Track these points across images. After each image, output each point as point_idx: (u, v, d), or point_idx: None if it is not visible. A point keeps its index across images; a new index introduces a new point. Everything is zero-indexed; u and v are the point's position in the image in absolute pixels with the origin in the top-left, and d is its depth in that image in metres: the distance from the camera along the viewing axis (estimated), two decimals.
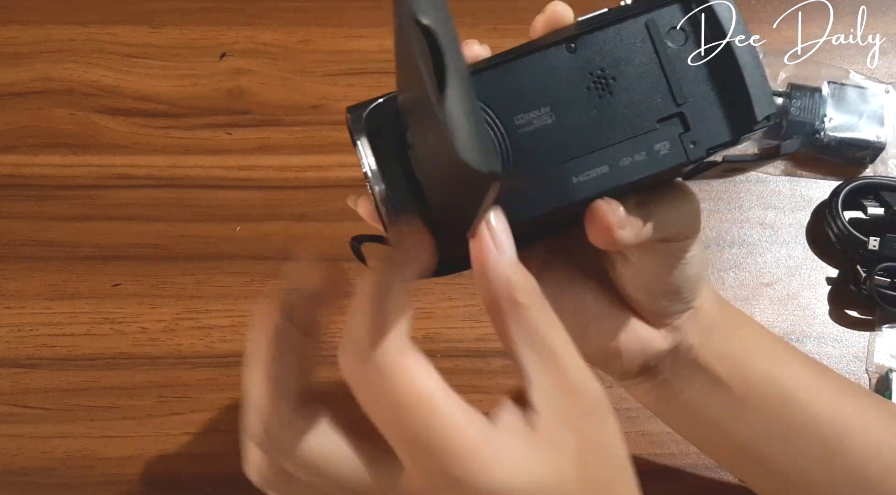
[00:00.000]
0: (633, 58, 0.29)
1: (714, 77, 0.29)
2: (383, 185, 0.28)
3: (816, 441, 0.37)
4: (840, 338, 0.56)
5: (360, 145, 0.29)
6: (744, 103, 0.29)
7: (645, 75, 0.29)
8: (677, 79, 0.29)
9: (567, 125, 0.29)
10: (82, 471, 0.52)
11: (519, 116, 0.29)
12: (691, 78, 0.29)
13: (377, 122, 0.29)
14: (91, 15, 0.64)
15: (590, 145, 0.29)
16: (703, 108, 0.29)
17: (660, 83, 0.29)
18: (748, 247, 0.58)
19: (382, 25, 0.64)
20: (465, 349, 0.55)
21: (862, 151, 0.58)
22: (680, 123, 0.29)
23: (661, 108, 0.29)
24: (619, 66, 0.29)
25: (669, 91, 0.29)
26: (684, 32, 0.29)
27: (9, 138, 0.60)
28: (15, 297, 0.56)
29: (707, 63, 0.29)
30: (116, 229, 0.58)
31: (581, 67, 0.29)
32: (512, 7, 0.64)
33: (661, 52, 0.29)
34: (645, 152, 0.29)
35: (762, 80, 0.29)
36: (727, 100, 0.29)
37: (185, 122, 0.61)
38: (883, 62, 0.63)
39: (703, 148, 0.29)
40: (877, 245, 0.54)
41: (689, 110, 0.29)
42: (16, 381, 0.54)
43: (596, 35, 0.29)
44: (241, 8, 0.64)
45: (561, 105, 0.29)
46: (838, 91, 0.59)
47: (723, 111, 0.29)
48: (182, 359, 0.55)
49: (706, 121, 0.29)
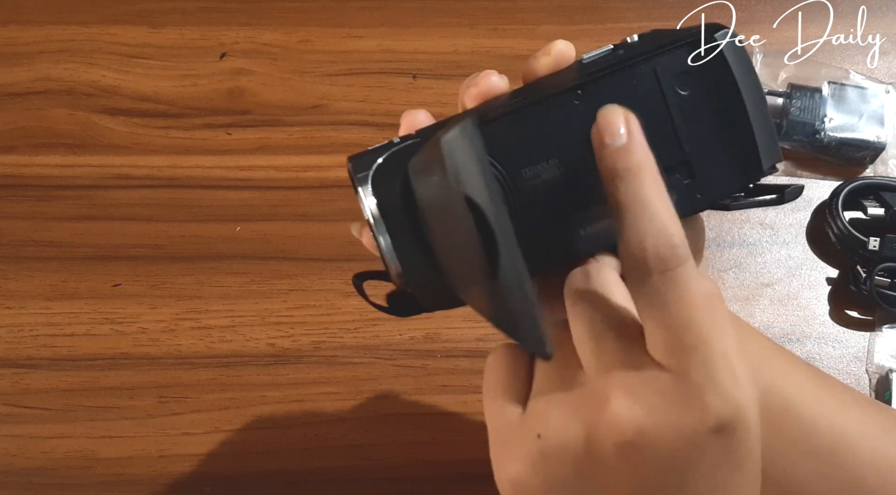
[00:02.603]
0: (641, 104, 0.28)
1: (720, 123, 0.28)
2: (393, 253, 0.29)
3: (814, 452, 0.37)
4: (840, 338, 0.56)
5: (363, 200, 0.29)
6: (750, 152, 0.28)
7: (652, 122, 0.28)
8: (685, 126, 0.28)
9: (574, 177, 0.28)
10: (82, 471, 0.52)
11: (527, 169, 0.29)
12: (698, 125, 0.28)
13: (383, 176, 0.29)
14: (91, 15, 0.64)
15: (598, 197, 0.28)
16: (709, 156, 0.28)
17: (667, 130, 0.28)
18: (748, 248, 0.58)
19: (382, 25, 0.64)
20: (465, 349, 0.55)
21: (862, 151, 0.58)
22: (686, 172, 0.29)
23: (668, 156, 0.28)
24: (633, 111, 0.28)
25: (676, 139, 0.28)
26: (692, 77, 0.28)
27: (9, 138, 0.60)
28: (15, 297, 0.56)
29: (714, 110, 0.28)
30: (116, 229, 0.58)
31: (588, 116, 0.28)
32: (512, 7, 0.64)
33: (668, 98, 0.28)
34: None
35: (769, 128, 0.28)
36: (733, 147, 0.28)
37: (185, 122, 0.61)
38: (883, 62, 0.63)
39: (707, 198, 0.29)
40: (877, 245, 0.54)
41: (696, 159, 0.28)
42: (16, 381, 0.54)
43: (603, 81, 0.28)
44: (241, 8, 0.64)
45: (568, 156, 0.28)
46: (838, 91, 0.59)
47: (728, 159, 0.29)
48: (182, 359, 0.55)
49: (712, 169, 0.29)
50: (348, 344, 0.55)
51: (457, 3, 0.65)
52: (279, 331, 0.56)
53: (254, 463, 0.53)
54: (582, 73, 0.29)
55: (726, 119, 0.28)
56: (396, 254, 0.29)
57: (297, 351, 0.55)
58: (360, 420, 0.54)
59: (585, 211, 0.29)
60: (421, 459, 0.53)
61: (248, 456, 0.53)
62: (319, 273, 0.57)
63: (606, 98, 0.27)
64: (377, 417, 0.54)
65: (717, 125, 0.28)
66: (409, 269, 0.29)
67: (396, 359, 0.55)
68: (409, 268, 0.29)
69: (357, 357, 0.55)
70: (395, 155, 0.29)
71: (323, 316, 0.56)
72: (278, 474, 0.53)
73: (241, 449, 0.53)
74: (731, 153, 0.28)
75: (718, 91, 0.28)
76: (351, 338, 0.55)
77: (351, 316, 0.56)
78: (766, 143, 0.28)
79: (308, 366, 0.55)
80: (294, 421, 0.54)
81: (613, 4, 0.64)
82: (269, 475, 0.53)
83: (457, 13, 0.64)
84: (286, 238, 0.58)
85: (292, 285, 0.57)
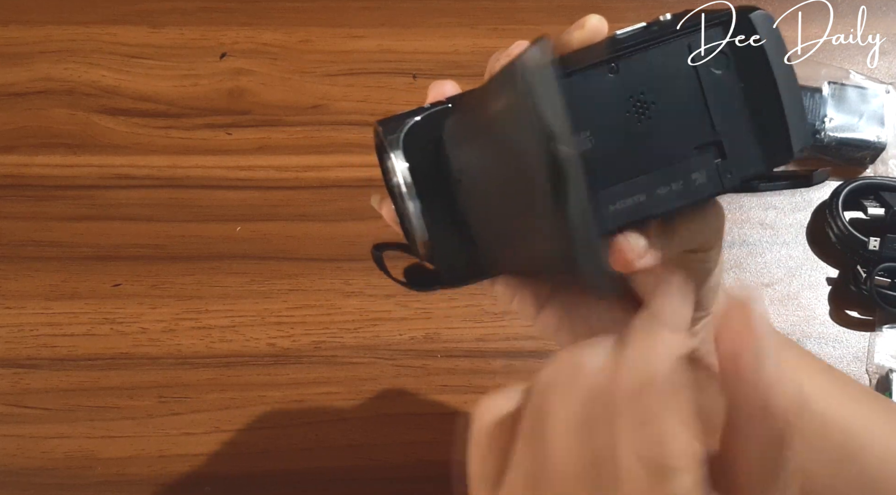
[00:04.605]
0: (674, 82, 0.28)
1: (752, 104, 0.28)
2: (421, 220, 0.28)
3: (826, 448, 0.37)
4: (840, 338, 0.56)
5: (394, 164, 0.28)
6: (781, 133, 0.28)
7: (685, 100, 0.28)
8: (716, 105, 0.28)
9: (607, 150, 0.28)
10: (82, 471, 0.52)
11: None
12: (730, 104, 0.28)
13: (413, 141, 0.28)
14: (91, 15, 0.64)
15: (628, 172, 0.28)
16: (739, 135, 0.28)
17: (699, 109, 0.28)
18: (748, 248, 0.58)
19: (382, 25, 0.64)
20: (465, 349, 0.55)
21: (862, 152, 0.58)
22: (717, 152, 0.28)
23: (699, 134, 0.28)
24: (661, 90, 0.28)
25: (708, 117, 0.28)
26: (726, 56, 0.28)
27: (9, 138, 0.60)
28: (15, 297, 0.56)
29: (746, 89, 0.28)
30: (116, 229, 0.58)
31: (623, 90, 0.28)
32: (512, 7, 0.64)
33: (702, 76, 0.28)
34: (682, 181, 0.28)
35: (800, 111, 0.28)
36: (764, 128, 0.28)
37: (185, 122, 0.61)
38: (883, 62, 0.63)
39: (737, 178, 0.28)
40: (877, 245, 0.54)
41: (727, 138, 0.28)
42: (16, 381, 0.54)
43: (639, 56, 0.28)
44: (241, 8, 0.64)
45: (601, 129, 0.28)
46: (838, 91, 0.59)
47: (759, 140, 0.28)
48: (182, 359, 0.55)
49: (742, 149, 0.28)
50: (348, 344, 0.55)
51: (457, 3, 0.65)
52: (279, 331, 0.56)
53: (254, 463, 0.53)
54: (616, 48, 0.28)
55: (758, 100, 0.28)
56: (425, 222, 0.28)
57: (297, 351, 0.55)
58: (360, 420, 0.54)
59: (615, 185, 0.28)
60: (421, 459, 0.53)
61: (248, 456, 0.53)
62: (319, 273, 0.57)
63: (642, 72, 0.28)
64: (377, 417, 0.54)
65: (749, 106, 0.28)
66: (436, 237, 0.28)
67: (396, 359, 0.55)
68: (437, 237, 0.28)
69: (357, 357, 0.55)
70: (426, 120, 0.28)
71: (323, 316, 0.56)
72: (278, 474, 0.53)
73: (241, 449, 0.53)
74: (763, 134, 0.28)
75: (752, 72, 0.28)
76: (351, 338, 0.55)
77: (351, 316, 0.56)
78: (797, 126, 0.28)
79: (308, 366, 0.55)
80: (294, 421, 0.54)
81: (613, 4, 0.64)
82: (269, 475, 0.53)
83: (457, 13, 0.64)
84: (286, 238, 0.58)
85: (292, 285, 0.57)
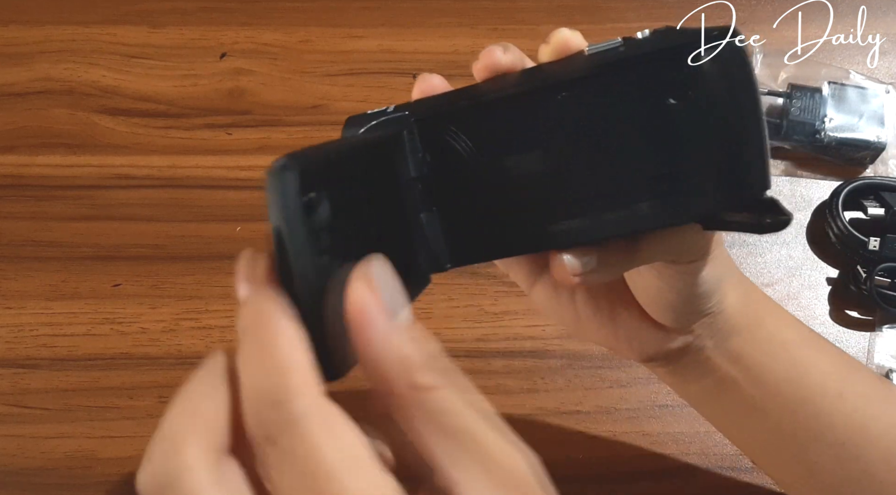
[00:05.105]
0: (634, 108, 0.26)
1: (711, 139, 0.26)
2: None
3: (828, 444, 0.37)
4: (840, 338, 0.56)
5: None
6: (737, 172, 0.26)
7: (643, 128, 0.26)
8: (675, 136, 0.26)
9: (556, 171, 0.28)
10: (82, 471, 0.52)
11: (510, 156, 0.28)
12: (690, 137, 0.26)
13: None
14: (91, 15, 0.64)
15: (575, 194, 0.28)
16: (696, 169, 0.26)
17: (657, 139, 0.26)
18: (748, 248, 0.58)
19: (382, 25, 0.64)
20: (465, 349, 0.54)
21: (862, 152, 0.58)
22: (669, 184, 0.27)
23: (654, 165, 0.27)
24: (615, 117, 0.27)
25: (665, 148, 0.26)
26: (689, 84, 0.26)
27: (9, 138, 0.60)
28: (15, 297, 0.56)
29: (710, 126, 0.26)
30: (116, 229, 0.58)
31: (580, 113, 0.27)
32: (512, 7, 0.64)
33: (660, 104, 0.26)
34: (628, 210, 0.27)
35: (762, 152, 0.26)
36: (720, 165, 0.26)
37: (185, 122, 0.61)
38: (883, 62, 0.63)
39: (685, 214, 0.27)
40: (877, 245, 0.54)
41: (682, 171, 0.26)
42: (16, 381, 0.54)
43: (599, 78, 0.27)
44: (241, 8, 0.64)
45: (553, 150, 0.28)
46: (838, 91, 0.59)
47: (714, 177, 0.26)
48: (182, 359, 0.55)
49: (696, 186, 0.26)
50: None
51: (457, 3, 0.65)
52: None
53: None
54: (579, 67, 0.28)
55: (720, 134, 0.26)
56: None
57: None
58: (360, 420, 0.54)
59: (562, 205, 0.28)
60: None
61: None
62: None
63: (602, 95, 0.27)
64: (377, 417, 0.54)
65: (709, 139, 0.26)
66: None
67: None
68: None
69: None
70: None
71: None
72: None
73: None
74: (718, 171, 0.26)
75: (713, 105, 0.26)
76: None
77: None
78: (756, 165, 0.26)
79: None
80: None
81: (613, 4, 0.64)
82: None
83: (457, 13, 0.64)
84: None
85: None
